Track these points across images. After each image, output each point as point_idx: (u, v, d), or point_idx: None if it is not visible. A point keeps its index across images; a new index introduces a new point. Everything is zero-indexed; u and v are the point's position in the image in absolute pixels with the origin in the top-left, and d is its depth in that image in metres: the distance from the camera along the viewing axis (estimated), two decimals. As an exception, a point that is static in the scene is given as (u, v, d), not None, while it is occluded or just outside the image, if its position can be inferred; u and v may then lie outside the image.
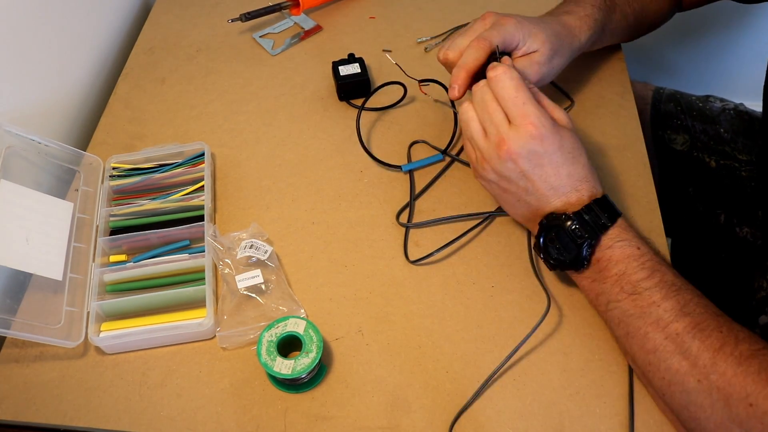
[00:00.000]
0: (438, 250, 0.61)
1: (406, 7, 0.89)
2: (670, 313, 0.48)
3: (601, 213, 0.52)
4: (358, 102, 0.76)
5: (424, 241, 0.63)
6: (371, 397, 0.54)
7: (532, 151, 0.52)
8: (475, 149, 0.56)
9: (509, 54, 0.62)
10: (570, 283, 0.59)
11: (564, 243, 0.52)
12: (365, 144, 0.70)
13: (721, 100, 0.89)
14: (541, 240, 0.53)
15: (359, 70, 0.76)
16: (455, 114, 0.71)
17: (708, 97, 0.89)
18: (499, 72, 0.54)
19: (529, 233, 0.62)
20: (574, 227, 0.51)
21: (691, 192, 0.85)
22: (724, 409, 0.44)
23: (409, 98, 0.76)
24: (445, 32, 0.84)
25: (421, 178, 0.69)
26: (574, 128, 0.55)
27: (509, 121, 0.53)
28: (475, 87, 0.56)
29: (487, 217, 0.64)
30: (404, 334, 0.57)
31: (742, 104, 0.88)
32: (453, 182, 0.68)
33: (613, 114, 0.73)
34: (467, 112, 0.56)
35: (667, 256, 0.61)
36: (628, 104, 0.74)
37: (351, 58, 0.78)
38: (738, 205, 0.81)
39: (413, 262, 0.61)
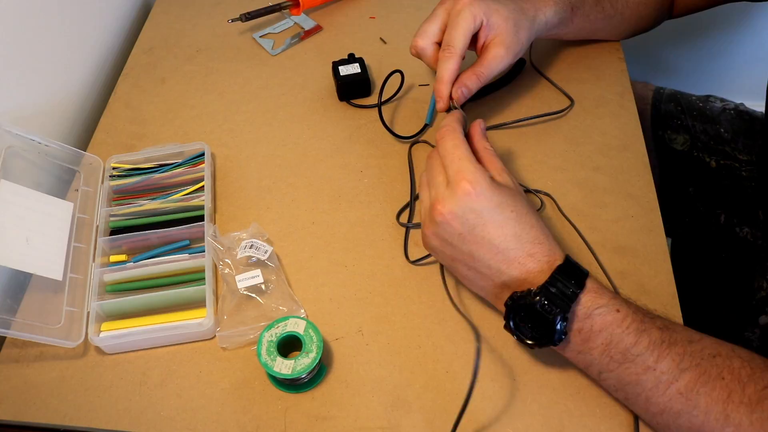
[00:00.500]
0: None
1: (406, 7, 0.89)
2: (668, 374, 0.45)
3: (568, 281, 0.47)
4: (360, 101, 0.76)
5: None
6: (371, 397, 0.54)
7: (468, 208, 0.49)
8: (422, 214, 0.55)
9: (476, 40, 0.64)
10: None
11: (536, 321, 0.47)
12: (387, 124, 0.72)
13: (722, 100, 0.89)
14: (511, 324, 0.49)
15: (359, 70, 0.76)
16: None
17: (708, 97, 0.89)
18: (441, 133, 0.53)
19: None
20: (543, 303, 0.47)
21: (692, 192, 0.85)
22: None
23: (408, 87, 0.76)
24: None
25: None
26: (521, 192, 0.53)
27: (447, 182, 0.51)
28: (428, 156, 0.56)
29: None
30: (404, 334, 0.57)
31: (742, 104, 0.88)
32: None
33: (613, 114, 0.73)
34: (421, 180, 0.56)
35: (667, 256, 0.61)
36: (628, 104, 0.74)
37: (351, 58, 0.78)
38: (738, 205, 0.81)
39: (413, 262, 0.61)
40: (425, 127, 0.72)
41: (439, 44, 0.64)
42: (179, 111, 0.78)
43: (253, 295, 0.59)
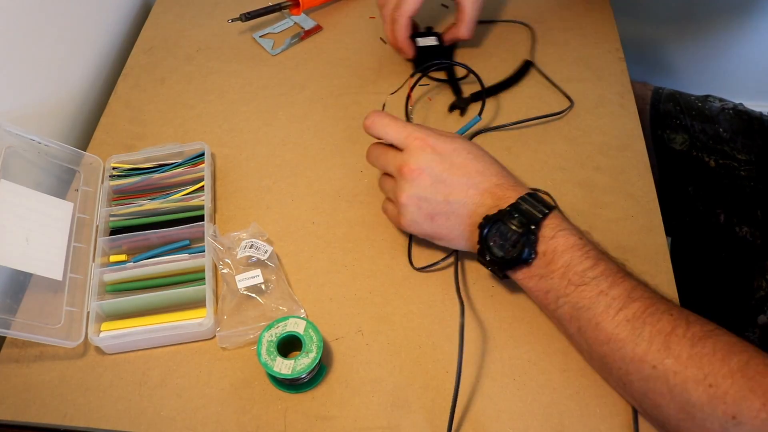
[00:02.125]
0: (443, 259, 0.61)
1: (406, 7, 0.89)
2: (618, 300, 0.47)
3: (536, 203, 0.52)
4: (434, 75, 0.78)
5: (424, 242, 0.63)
6: (371, 397, 0.54)
7: (429, 159, 0.54)
8: (388, 194, 0.59)
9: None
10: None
11: (506, 238, 0.51)
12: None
13: (720, 99, 0.89)
14: (483, 238, 0.52)
15: (436, 43, 0.78)
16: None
17: (707, 96, 0.89)
18: (370, 118, 0.57)
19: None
20: (514, 215, 0.51)
21: (691, 191, 0.85)
22: (683, 393, 0.44)
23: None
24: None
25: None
26: (472, 141, 0.58)
27: (400, 150, 0.55)
28: (368, 155, 0.61)
29: None
30: (404, 334, 0.57)
31: (741, 104, 0.88)
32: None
33: (613, 114, 0.73)
34: (379, 179, 0.61)
35: (667, 256, 0.61)
36: (628, 104, 0.74)
37: (428, 32, 0.80)
38: (737, 204, 0.81)
39: (419, 269, 0.61)
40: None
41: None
42: (179, 111, 0.78)
43: (253, 295, 0.59)
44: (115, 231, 0.64)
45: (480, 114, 0.68)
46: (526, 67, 0.77)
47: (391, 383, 0.54)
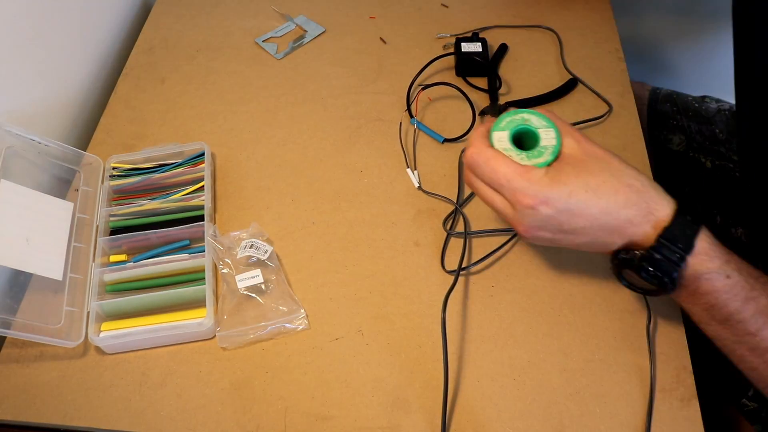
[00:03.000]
0: (479, 261, 0.61)
1: (406, 7, 0.89)
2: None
3: (674, 245, 0.45)
4: (475, 80, 0.77)
5: (430, 242, 0.63)
6: (371, 397, 0.54)
7: (542, 219, 0.47)
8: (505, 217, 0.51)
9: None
10: (570, 283, 0.60)
11: (644, 278, 0.47)
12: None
13: (717, 100, 0.89)
14: (618, 273, 0.50)
15: (480, 49, 0.78)
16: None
17: (704, 97, 0.90)
18: (472, 157, 0.49)
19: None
20: (648, 269, 0.46)
21: (688, 192, 0.85)
22: None
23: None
24: (450, 34, 0.84)
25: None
26: (591, 153, 0.48)
27: (510, 204, 0.48)
28: (468, 176, 0.52)
29: (515, 234, 0.64)
30: (404, 334, 0.57)
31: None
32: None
33: (613, 114, 0.73)
34: (479, 192, 0.52)
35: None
36: (628, 104, 0.74)
37: (474, 37, 0.80)
38: (732, 205, 0.81)
39: (449, 272, 0.61)
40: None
41: None
42: (179, 111, 0.78)
43: (253, 294, 0.59)
44: (115, 231, 0.64)
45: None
46: (572, 84, 0.76)
47: (391, 383, 0.54)
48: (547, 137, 0.48)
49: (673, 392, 0.53)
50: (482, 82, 0.78)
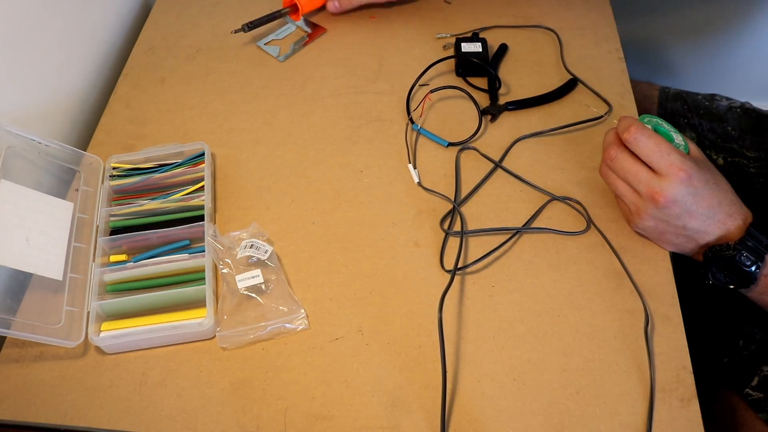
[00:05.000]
0: (478, 261, 0.61)
1: (406, 7, 0.89)
2: None
3: (761, 236, 0.56)
4: (474, 80, 0.78)
5: (430, 242, 0.63)
6: (371, 397, 0.54)
7: (686, 193, 0.56)
8: (628, 204, 0.60)
9: None
10: (570, 283, 0.60)
11: (733, 270, 0.56)
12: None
13: (727, 98, 0.89)
14: (712, 272, 0.57)
15: (480, 50, 0.78)
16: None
17: (714, 95, 0.90)
18: (633, 133, 0.57)
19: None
20: (742, 254, 0.55)
21: None
22: None
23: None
24: (449, 34, 0.84)
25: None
26: (706, 159, 0.59)
27: (656, 173, 0.56)
28: (610, 159, 0.60)
29: (515, 233, 0.64)
30: (404, 334, 0.57)
31: (747, 102, 0.88)
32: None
33: (613, 114, 0.73)
34: (609, 178, 0.61)
35: (667, 256, 0.61)
36: (628, 104, 0.74)
37: (474, 37, 0.80)
38: (746, 201, 0.81)
39: (449, 272, 0.60)
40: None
41: None
42: (179, 111, 0.78)
43: (253, 295, 0.59)
44: (115, 231, 0.64)
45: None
46: (572, 85, 0.76)
47: (391, 383, 0.54)
48: (678, 138, 0.59)
49: (673, 392, 0.53)
50: (482, 82, 0.78)
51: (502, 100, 0.75)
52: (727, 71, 1.40)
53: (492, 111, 0.73)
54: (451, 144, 0.71)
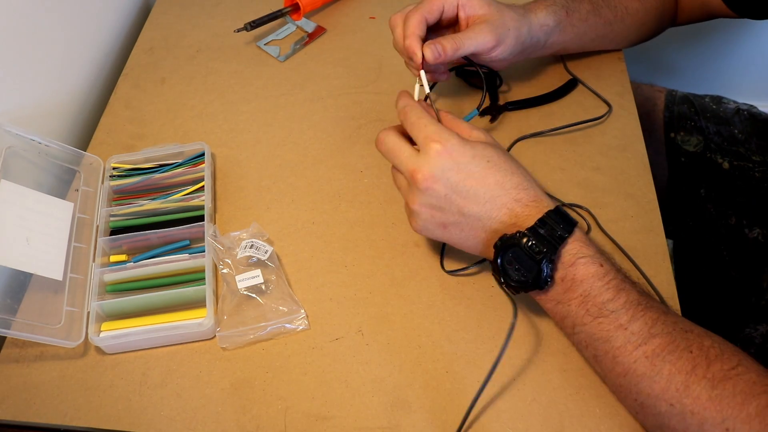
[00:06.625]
0: (478, 263, 0.61)
1: (405, 7, 0.89)
2: (638, 335, 0.46)
3: (556, 224, 0.48)
4: (475, 80, 0.77)
5: (430, 242, 0.63)
6: (371, 397, 0.54)
7: (445, 168, 0.50)
8: (403, 196, 0.55)
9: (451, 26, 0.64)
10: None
11: (523, 262, 0.48)
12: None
13: (734, 101, 0.89)
14: (499, 262, 0.49)
15: None
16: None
17: (721, 98, 0.89)
18: (401, 102, 0.54)
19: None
20: (530, 243, 0.48)
21: (703, 194, 0.84)
22: None
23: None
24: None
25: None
26: (496, 144, 0.53)
27: (419, 151, 0.52)
28: (378, 142, 0.55)
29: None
30: (404, 334, 0.57)
31: (753, 106, 0.88)
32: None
33: (613, 114, 0.73)
34: (392, 169, 0.56)
35: (667, 256, 0.61)
36: (628, 104, 0.74)
37: None
38: (750, 206, 0.80)
39: (450, 272, 0.61)
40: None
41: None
42: (179, 111, 0.78)
43: (253, 295, 0.59)
44: (115, 231, 0.64)
45: (479, 108, 0.67)
46: (572, 85, 0.76)
47: (391, 383, 0.54)
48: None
49: (673, 392, 0.53)
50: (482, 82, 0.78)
51: (502, 100, 0.75)
52: (728, 72, 1.40)
53: (492, 111, 0.73)
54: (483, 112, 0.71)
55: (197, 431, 0.53)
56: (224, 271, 0.61)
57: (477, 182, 0.50)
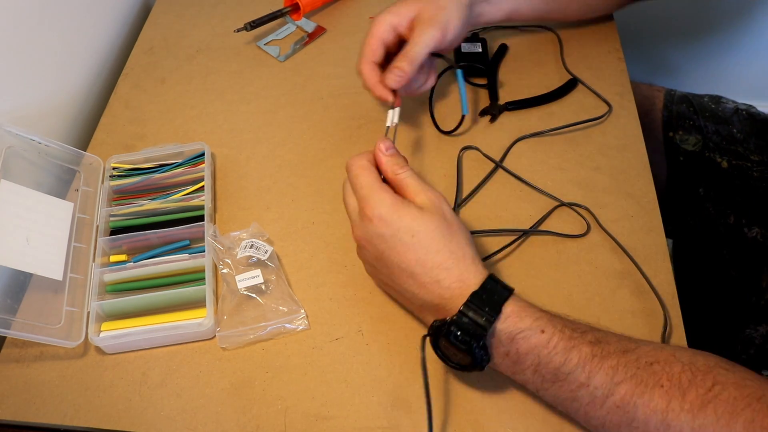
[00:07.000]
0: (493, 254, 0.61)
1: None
2: (602, 389, 0.44)
3: (481, 309, 0.46)
4: (475, 80, 0.77)
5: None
6: (371, 397, 0.54)
7: (372, 235, 0.50)
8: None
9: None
10: (570, 283, 0.60)
11: (457, 348, 0.46)
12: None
13: (733, 101, 0.89)
14: (437, 351, 0.49)
15: (479, 50, 0.78)
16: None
17: (720, 98, 0.89)
18: (349, 162, 0.53)
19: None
20: (458, 333, 0.46)
21: (701, 193, 0.84)
22: None
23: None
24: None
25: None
26: (443, 211, 0.50)
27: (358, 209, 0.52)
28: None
29: (520, 236, 0.64)
30: (404, 334, 0.57)
31: (752, 106, 0.88)
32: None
33: (613, 114, 0.73)
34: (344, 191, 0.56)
35: (667, 256, 0.61)
36: (628, 104, 0.74)
37: (474, 37, 0.80)
38: (749, 205, 0.80)
39: None
40: (463, 118, 0.71)
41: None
42: (179, 111, 0.78)
43: (253, 295, 0.59)
44: (115, 231, 0.64)
45: (465, 106, 0.67)
46: (571, 85, 0.76)
47: (391, 383, 0.54)
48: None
49: (673, 392, 0.53)
50: (482, 81, 0.78)
51: (502, 100, 0.75)
52: (727, 72, 1.40)
53: (492, 111, 0.73)
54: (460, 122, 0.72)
55: (197, 431, 0.53)
56: (224, 271, 0.61)
57: (399, 257, 0.49)
